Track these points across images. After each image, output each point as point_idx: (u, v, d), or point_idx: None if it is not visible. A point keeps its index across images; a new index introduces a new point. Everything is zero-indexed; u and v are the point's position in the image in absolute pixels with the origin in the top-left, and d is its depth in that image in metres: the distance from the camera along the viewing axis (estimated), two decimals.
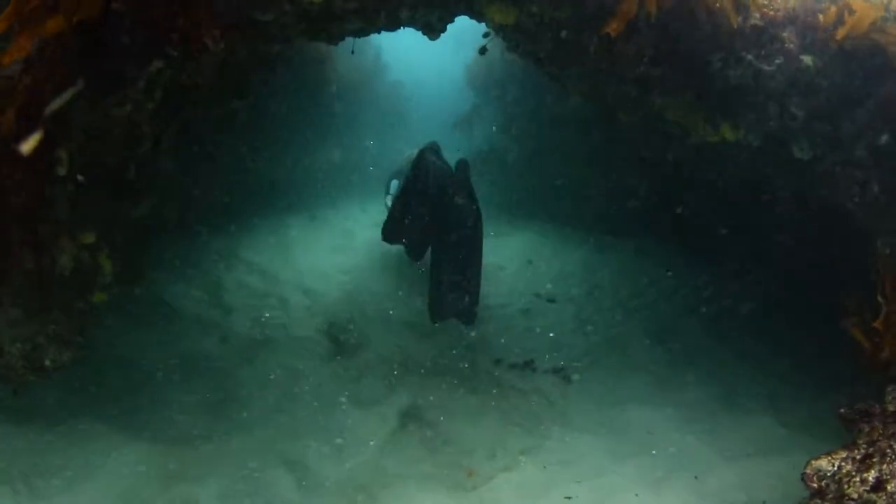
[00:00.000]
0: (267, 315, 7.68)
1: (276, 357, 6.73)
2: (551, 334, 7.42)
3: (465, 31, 17.77)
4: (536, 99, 12.34)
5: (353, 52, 7.96)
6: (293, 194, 13.16)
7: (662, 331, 7.98)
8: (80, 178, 4.36)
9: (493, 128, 13.87)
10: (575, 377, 6.64)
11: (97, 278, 5.07)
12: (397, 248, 9.55)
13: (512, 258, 10.48)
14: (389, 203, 9.40)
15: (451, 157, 11.84)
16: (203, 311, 7.39)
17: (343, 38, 5.95)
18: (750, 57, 5.15)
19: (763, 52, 5.16)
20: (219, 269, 8.57)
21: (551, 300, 8.74)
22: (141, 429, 5.45)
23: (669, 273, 9.31)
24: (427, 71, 20.58)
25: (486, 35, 6.94)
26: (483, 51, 6.99)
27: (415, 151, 8.97)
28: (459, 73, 15.91)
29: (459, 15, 5.99)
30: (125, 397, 5.81)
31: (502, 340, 7.28)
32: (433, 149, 8.99)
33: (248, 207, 11.21)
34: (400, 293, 8.55)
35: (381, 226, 8.67)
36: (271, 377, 6.36)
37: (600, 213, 11.87)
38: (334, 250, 10.48)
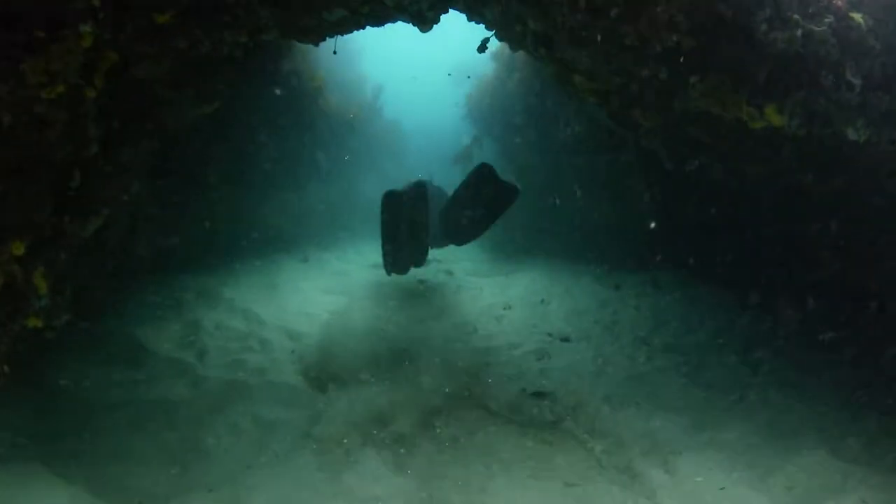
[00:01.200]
0: (245, 358, 6.81)
1: (250, 405, 5.79)
2: (570, 377, 6.46)
3: (463, 68, 17.39)
4: (540, 128, 11.69)
5: (335, 53, 7.36)
6: (286, 234, 12.53)
7: (692, 366, 7.05)
8: None
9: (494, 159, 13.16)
10: (601, 425, 5.69)
11: (30, 300, 4.25)
12: (390, 289, 9.59)
13: (519, 297, 9.67)
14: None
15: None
16: (177, 353, 6.76)
17: (323, 36, 5.23)
18: (797, 17, 4.36)
19: (810, 11, 4.38)
20: (199, 309, 7.97)
21: (565, 339, 7.84)
22: (89, 478, 4.59)
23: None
24: (426, 108, 20.17)
25: (484, 45, 6.40)
26: (483, 48, 6.29)
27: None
28: (459, 108, 15.38)
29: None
30: (74, 440, 5.00)
31: (516, 386, 6.35)
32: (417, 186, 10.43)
33: (237, 246, 10.77)
34: (389, 335, 7.72)
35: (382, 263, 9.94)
36: (242, 429, 5.44)
37: (612, 245, 11.10)
38: (325, 291, 9.73)
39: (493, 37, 6.59)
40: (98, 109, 4.41)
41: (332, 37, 6.25)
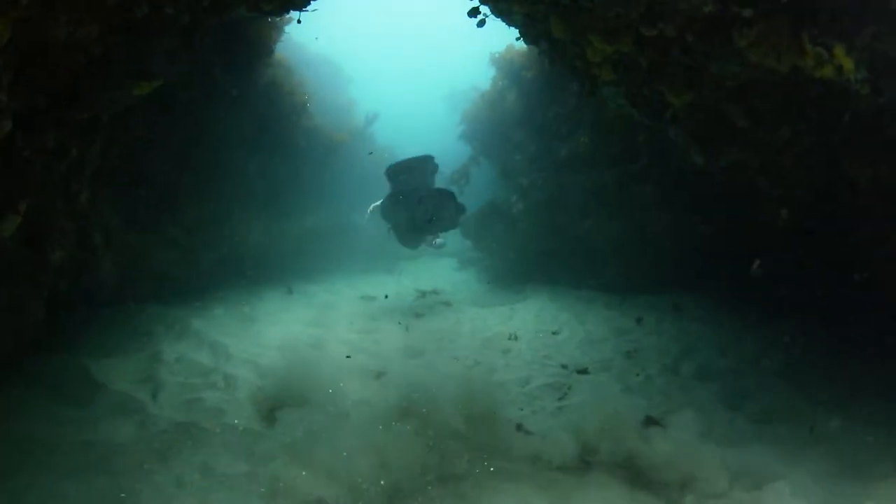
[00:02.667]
0: (203, 397, 5.83)
1: (200, 453, 4.78)
2: (595, 415, 5.37)
3: (457, 96, 16.58)
4: (541, 143, 10.80)
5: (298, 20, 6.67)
6: (270, 264, 11.56)
7: (733, 395, 6.11)
8: None
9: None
10: (648, 471, 4.61)
11: None
12: (381, 322, 8.95)
13: (525, 327, 8.67)
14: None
15: None
16: (130, 388, 6.01)
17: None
18: None
19: None
20: (164, 342, 7.22)
21: (582, 371, 6.80)
22: None
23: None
24: (420, 134, 19.46)
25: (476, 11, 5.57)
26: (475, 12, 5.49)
27: None
28: (453, 132, 14.52)
29: None
30: (4, 486, 4.23)
31: (530, 429, 5.26)
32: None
33: (215, 276, 10.07)
34: (372, 372, 6.66)
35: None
36: (186, 481, 4.39)
37: (624, 268, 10.15)
38: (308, 324, 8.71)
39: None
40: (14, 78, 3.48)
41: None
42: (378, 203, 11.17)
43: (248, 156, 10.46)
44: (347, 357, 6.79)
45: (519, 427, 5.18)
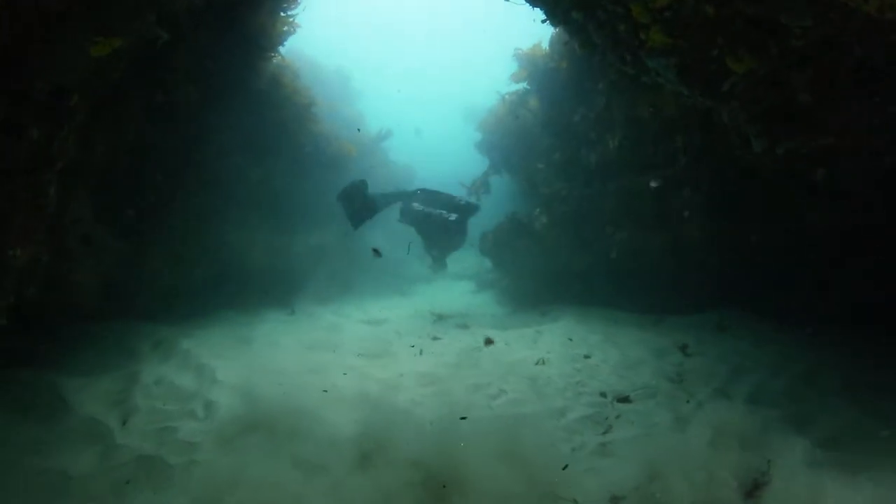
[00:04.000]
0: (176, 426, 5.05)
1: (158, 496, 3.94)
2: (650, 454, 4.36)
3: (473, 110, 15.79)
4: (566, 149, 9.90)
5: None
6: (273, 283, 10.85)
7: (798, 421, 5.12)
8: None
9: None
10: None
11: None
12: (391, 345, 8.07)
13: (553, 350, 7.68)
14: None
15: None
16: (100, 411, 5.45)
17: None
18: None
19: None
20: (145, 361, 6.71)
21: (624, 399, 5.80)
22: None
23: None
24: (436, 150, 18.67)
25: None
26: None
27: None
28: (469, 145, 13.69)
29: None
30: None
31: (573, 469, 4.25)
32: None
33: (213, 293, 9.56)
34: (376, 402, 5.66)
35: None
36: None
37: (658, 285, 9.17)
38: (309, 347, 7.82)
39: None
40: None
41: None
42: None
43: (250, 162, 9.68)
44: (324, 391, 5.80)
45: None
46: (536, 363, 6.85)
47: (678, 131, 8.11)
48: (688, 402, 5.82)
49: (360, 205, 11.51)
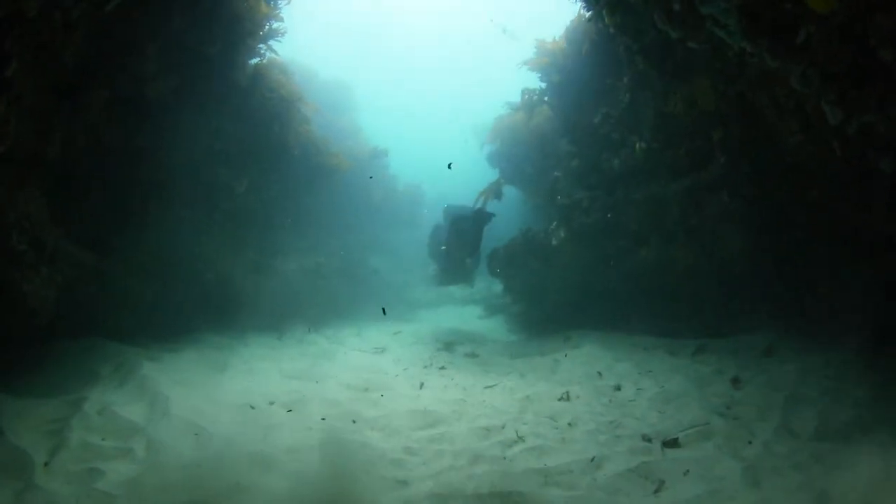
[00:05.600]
0: (107, 469, 4.11)
1: None
2: None
3: (482, 126, 14.79)
4: (587, 154, 8.84)
5: None
6: (260, 304, 9.80)
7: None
8: None
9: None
10: None
11: None
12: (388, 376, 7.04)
13: (576, 382, 6.56)
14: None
15: None
16: (30, 442, 4.66)
17: None
18: None
19: None
20: (97, 385, 5.83)
21: (672, 443, 4.65)
22: None
23: None
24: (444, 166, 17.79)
25: None
26: None
27: None
28: (477, 163, 12.69)
29: None
30: None
31: None
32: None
33: (195, 313, 8.78)
34: (360, 450, 4.56)
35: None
36: None
37: (691, 304, 8.13)
38: (290, 376, 6.75)
39: None
40: None
41: None
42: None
43: (235, 171, 8.70)
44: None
45: None
46: (560, 398, 5.69)
47: (715, 126, 7.06)
48: (750, 442, 4.74)
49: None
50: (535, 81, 9.96)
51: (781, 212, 7.18)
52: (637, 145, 7.98)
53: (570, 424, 4.95)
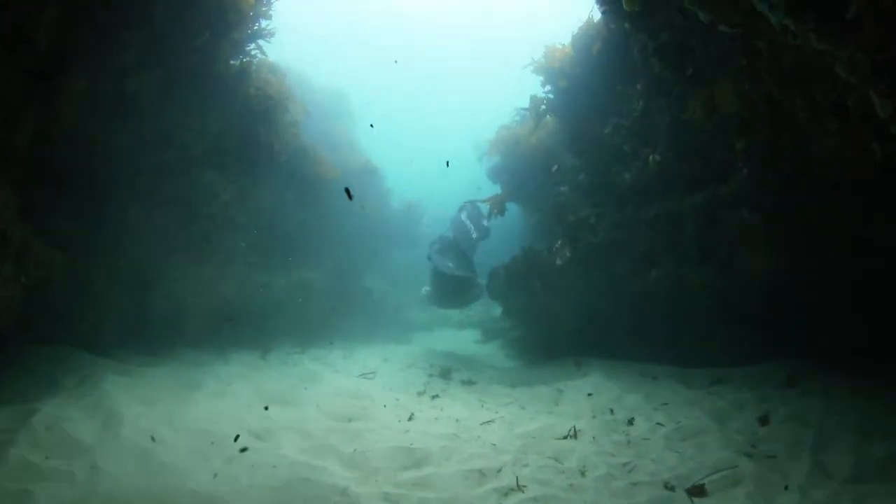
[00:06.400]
0: (37, 493, 3.64)
1: None
2: None
3: (484, 143, 14.21)
4: (595, 168, 8.22)
5: None
6: (245, 321, 9.39)
7: None
8: None
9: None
10: None
11: None
12: (374, 403, 6.33)
13: (582, 416, 5.89)
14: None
15: None
16: None
17: None
18: None
19: None
20: (56, 398, 5.41)
21: (699, 492, 3.97)
22: None
23: None
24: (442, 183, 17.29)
25: None
26: None
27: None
28: (480, 176, 12.10)
29: None
30: None
31: None
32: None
33: (176, 326, 8.33)
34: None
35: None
36: None
37: (706, 332, 7.55)
38: (269, 399, 6.08)
39: None
40: None
41: None
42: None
43: (220, 176, 8.14)
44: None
45: None
46: (566, 436, 4.99)
47: (737, 134, 6.46)
48: (786, 487, 4.11)
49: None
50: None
51: (808, 230, 6.57)
52: (650, 157, 7.37)
53: (578, 469, 4.24)
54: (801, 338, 6.85)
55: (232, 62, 7.87)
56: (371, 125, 9.22)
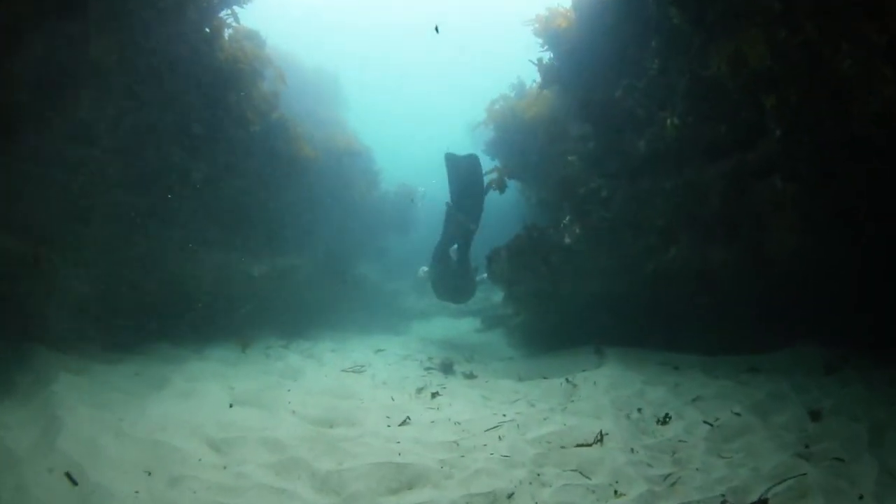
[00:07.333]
0: None
1: None
2: None
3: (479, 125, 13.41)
4: (606, 135, 7.43)
5: None
6: (224, 311, 8.68)
7: None
8: None
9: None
10: None
11: None
12: (362, 404, 5.54)
13: (604, 414, 5.08)
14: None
15: None
16: None
17: None
18: None
19: None
20: (2, 402, 4.71)
21: None
22: None
23: None
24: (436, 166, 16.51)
25: None
26: None
27: None
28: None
29: None
30: None
31: None
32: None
33: (150, 321, 7.54)
34: None
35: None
36: None
37: (730, 316, 6.82)
38: (240, 401, 5.31)
39: None
40: None
41: None
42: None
43: (191, 153, 7.36)
44: None
45: None
46: (594, 442, 4.19)
47: (769, 89, 5.67)
48: (860, 497, 3.44)
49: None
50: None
51: (849, 201, 5.80)
52: (668, 121, 6.59)
53: (610, 485, 3.46)
54: (832, 322, 6.14)
55: (205, 23, 7.06)
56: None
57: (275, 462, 3.67)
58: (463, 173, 9.79)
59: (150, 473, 3.45)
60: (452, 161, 9.95)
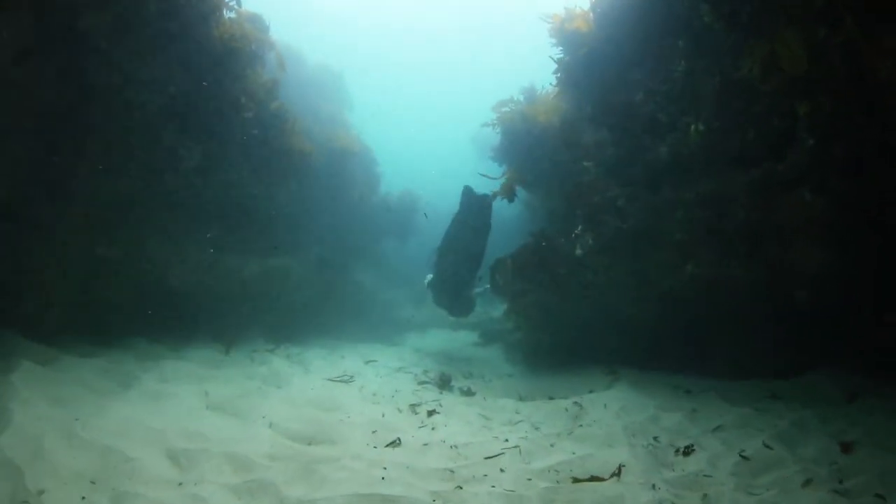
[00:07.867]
0: None
1: None
2: None
3: (484, 138, 13.00)
4: (624, 141, 6.98)
5: None
6: (208, 310, 8.25)
7: None
8: None
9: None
10: None
11: None
12: (350, 419, 5.07)
13: (617, 442, 4.60)
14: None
15: None
16: None
17: None
18: None
19: None
20: None
21: None
22: None
23: None
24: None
25: None
26: None
27: None
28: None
29: None
30: None
31: None
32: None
33: (130, 315, 7.18)
34: None
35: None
36: None
37: (748, 339, 6.43)
38: (215, 408, 4.85)
39: None
40: None
41: None
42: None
43: (183, 139, 6.91)
44: None
45: None
46: (609, 477, 3.68)
47: (804, 95, 5.22)
48: None
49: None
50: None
51: (881, 215, 5.35)
52: (693, 127, 6.13)
53: None
54: (851, 345, 5.80)
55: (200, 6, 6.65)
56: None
57: (238, 484, 3.17)
58: (475, 210, 9.48)
59: (91, 487, 2.97)
60: (468, 197, 9.58)
